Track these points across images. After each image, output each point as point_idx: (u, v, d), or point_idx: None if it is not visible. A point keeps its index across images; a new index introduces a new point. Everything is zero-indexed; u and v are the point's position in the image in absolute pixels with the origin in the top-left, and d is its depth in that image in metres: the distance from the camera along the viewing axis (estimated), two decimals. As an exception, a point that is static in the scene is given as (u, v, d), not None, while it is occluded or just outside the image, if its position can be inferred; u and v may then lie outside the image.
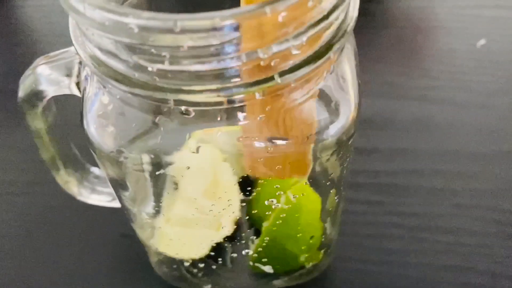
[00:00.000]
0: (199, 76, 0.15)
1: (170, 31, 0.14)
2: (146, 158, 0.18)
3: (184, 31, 0.14)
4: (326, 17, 0.15)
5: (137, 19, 0.14)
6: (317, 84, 0.18)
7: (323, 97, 0.18)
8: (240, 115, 0.17)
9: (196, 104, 0.16)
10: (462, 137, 0.36)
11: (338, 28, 0.17)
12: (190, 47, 0.14)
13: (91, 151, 0.20)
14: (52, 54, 0.22)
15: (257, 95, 0.16)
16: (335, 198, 0.23)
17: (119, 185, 0.21)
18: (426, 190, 0.33)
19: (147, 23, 0.14)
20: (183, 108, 0.17)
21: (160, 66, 0.15)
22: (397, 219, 0.32)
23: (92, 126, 0.19)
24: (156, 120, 0.17)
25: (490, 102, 0.38)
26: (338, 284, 0.29)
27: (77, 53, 0.17)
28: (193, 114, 0.17)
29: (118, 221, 0.31)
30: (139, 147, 0.18)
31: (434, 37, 0.44)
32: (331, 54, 0.16)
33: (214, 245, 0.23)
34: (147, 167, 0.19)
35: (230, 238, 0.23)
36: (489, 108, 0.37)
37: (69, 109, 0.26)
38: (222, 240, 0.23)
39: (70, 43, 0.50)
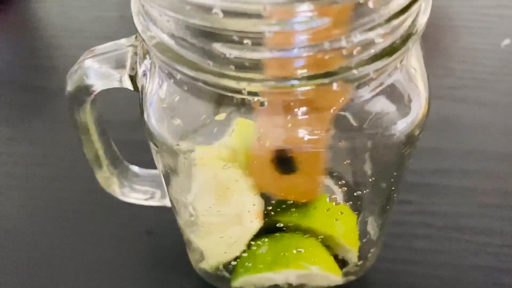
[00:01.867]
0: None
1: (258, 16, 0.13)
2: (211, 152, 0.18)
3: (272, 16, 0.13)
4: (410, 4, 0.15)
5: (223, 2, 0.13)
6: (390, 77, 0.17)
7: (394, 91, 0.17)
8: (301, 109, 0.17)
9: (268, 95, 0.16)
10: (488, 137, 0.36)
11: (416, 18, 0.16)
12: (275, 33, 0.14)
13: (152, 144, 0.19)
14: (99, 47, 0.21)
15: (335, 86, 0.15)
16: (389, 200, 0.22)
17: (173, 177, 0.21)
18: (455, 190, 0.33)
19: (233, 7, 0.13)
20: (256, 99, 0.16)
21: (239, 53, 0.14)
22: (427, 218, 0.31)
23: (153, 120, 0.18)
24: (227, 112, 0.17)
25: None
26: (368, 284, 0.28)
27: (143, 41, 0.17)
28: (266, 105, 0.16)
29: (143, 218, 0.31)
30: (206, 140, 0.18)
31: (458, 37, 0.43)
32: (410, 44, 0.16)
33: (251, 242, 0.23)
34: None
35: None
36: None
37: (106, 104, 0.26)
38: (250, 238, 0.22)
39: (88, 38, 0.51)
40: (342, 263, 0.25)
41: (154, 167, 0.23)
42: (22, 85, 0.42)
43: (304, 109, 0.17)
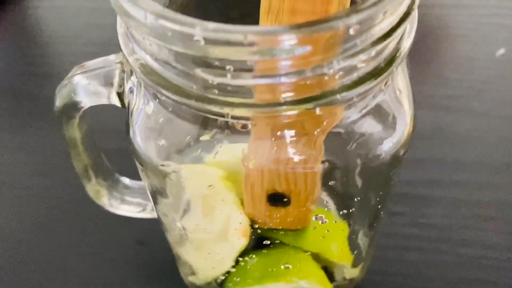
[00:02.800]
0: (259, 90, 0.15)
1: (239, 44, 0.13)
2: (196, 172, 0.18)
3: (252, 44, 0.13)
4: (394, 29, 0.15)
5: (204, 31, 0.13)
6: (374, 99, 0.17)
7: (380, 112, 0.17)
8: (288, 132, 0.17)
9: (252, 119, 0.16)
10: (482, 147, 0.35)
11: (400, 41, 0.16)
12: (257, 61, 0.14)
13: (137, 162, 0.19)
14: (88, 63, 0.21)
15: (318, 111, 0.15)
16: (374, 221, 0.22)
17: (160, 195, 0.21)
18: (447, 201, 0.32)
19: (215, 36, 0.13)
20: (239, 121, 0.16)
21: (222, 80, 0.14)
22: (418, 230, 0.31)
23: (139, 138, 0.18)
24: (211, 134, 0.17)
25: (511, 112, 0.37)
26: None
27: (128, 62, 0.17)
28: (249, 128, 0.16)
29: (134, 228, 0.31)
30: (191, 161, 0.18)
31: (453, 46, 0.43)
32: (394, 68, 0.16)
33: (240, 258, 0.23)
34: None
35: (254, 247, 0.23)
36: (509, 118, 0.37)
37: (98, 117, 0.26)
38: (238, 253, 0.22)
39: (84, 45, 0.50)
40: (332, 276, 0.25)
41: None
42: (17, 92, 0.42)
43: (288, 131, 0.17)
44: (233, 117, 0.16)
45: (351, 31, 0.14)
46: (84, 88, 0.21)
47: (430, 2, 0.46)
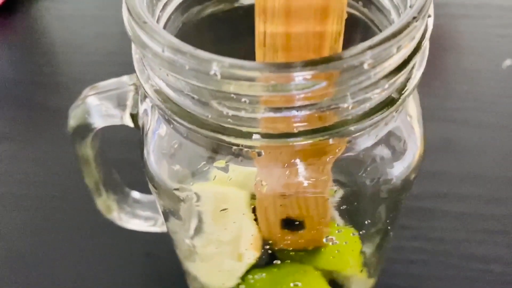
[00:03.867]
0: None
1: (254, 80, 0.14)
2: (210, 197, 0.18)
3: (268, 81, 0.13)
4: (407, 61, 0.15)
5: (220, 67, 0.14)
6: (386, 126, 0.17)
7: (392, 138, 0.18)
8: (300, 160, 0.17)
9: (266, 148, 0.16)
10: (489, 160, 0.35)
11: (411, 71, 0.16)
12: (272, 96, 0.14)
13: (150, 185, 0.19)
14: (101, 84, 0.21)
15: (331, 141, 0.16)
16: (383, 241, 0.23)
17: (172, 216, 0.21)
18: (453, 215, 0.33)
19: (230, 72, 0.14)
20: (252, 149, 0.16)
21: (236, 112, 0.15)
22: (424, 244, 0.31)
23: (154, 161, 0.18)
24: (226, 160, 0.17)
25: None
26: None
27: (143, 88, 0.17)
28: (263, 155, 0.16)
29: (144, 240, 0.31)
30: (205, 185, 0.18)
31: (459, 57, 0.43)
32: (405, 97, 0.16)
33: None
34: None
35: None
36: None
37: (107, 128, 0.26)
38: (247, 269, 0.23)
39: (91, 54, 0.50)
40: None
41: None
42: (24, 101, 0.42)
43: (299, 159, 0.17)
44: (247, 146, 0.16)
45: (365, 66, 0.14)
46: (97, 109, 0.21)
47: (435, 13, 0.46)
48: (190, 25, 0.21)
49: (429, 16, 0.16)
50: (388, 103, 0.16)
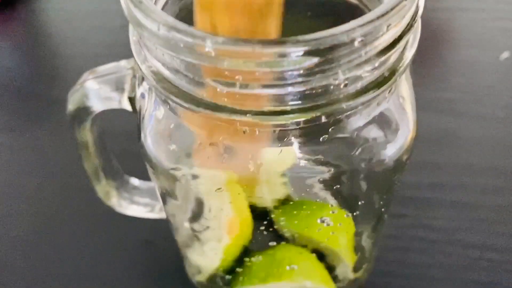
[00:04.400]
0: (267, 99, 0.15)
1: (247, 56, 0.14)
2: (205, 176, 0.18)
3: (261, 56, 0.14)
4: (397, 40, 0.15)
5: (215, 43, 0.14)
6: (378, 106, 0.18)
7: (384, 118, 0.18)
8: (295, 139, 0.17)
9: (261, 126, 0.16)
10: (486, 151, 0.36)
11: (403, 50, 0.17)
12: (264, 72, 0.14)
13: (148, 166, 0.20)
14: (100, 68, 0.22)
15: (323, 119, 0.16)
16: (378, 224, 0.23)
17: (169, 197, 0.21)
18: (450, 204, 0.33)
19: (225, 48, 0.14)
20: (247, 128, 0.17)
21: (231, 89, 0.15)
22: (421, 232, 0.32)
23: (151, 143, 0.19)
24: (220, 139, 0.17)
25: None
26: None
27: (140, 69, 0.17)
28: (257, 133, 0.17)
29: (143, 227, 0.32)
30: (199, 165, 0.18)
31: (457, 49, 0.43)
32: (397, 77, 0.16)
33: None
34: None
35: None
36: (513, 122, 0.37)
37: (107, 119, 0.27)
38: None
39: (92, 47, 0.51)
40: (335, 278, 0.26)
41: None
42: (25, 93, 0.42)
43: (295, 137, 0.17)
44: (241, 124, 0.16)
45: (356, 44, 0.14)
46: (96, 93, 0.21)
47: (433, 5, 0.47)
48: (187, 11, 0.21)
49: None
50: (380, 82, 0.16)
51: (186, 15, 0.21)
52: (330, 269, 0.25)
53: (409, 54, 0.17)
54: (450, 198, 0.33)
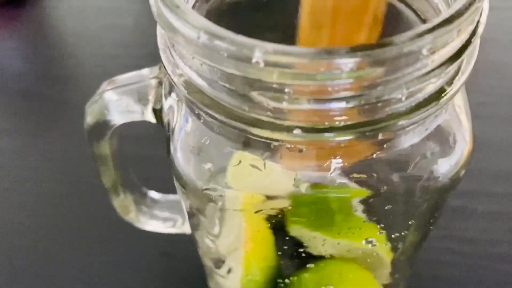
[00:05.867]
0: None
1: (301, 67, 0.12)
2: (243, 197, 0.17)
3: (318, 68, 0.12)
4: (465, 47, 0.14)
5: (264, 54, 0.12)
6: (436, 119, 0.16)
7: (441, 131, 0.16)
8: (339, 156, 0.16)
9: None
10: (517, 157, 0.34)
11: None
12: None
13: (177, 184, 0.18)
14: (119, 78, 0.20)
15: (380, 136, 0.14)
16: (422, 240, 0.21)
17: (198, 216, 0.20)
18: (482, 214, 0.31)
19: (275, 58, 0.12)
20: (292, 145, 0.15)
21: (278, 104, 0.13)
22: (452, 244, 0.30)
23: (181, 160, 0.17)
24: (263, 157, 0.16)
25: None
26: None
27: (169, 78, 0.15)
28: (304, 151, 0.15)
29: (159, 239, 0.30)
30: (237, 186, 0.17)
31: (484, 50, 0.41)
32: (457, 87, 0.15)
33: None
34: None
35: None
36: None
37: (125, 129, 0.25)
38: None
39: (103, 46, 0.49)
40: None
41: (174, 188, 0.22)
42: (35, 94, 0.41)
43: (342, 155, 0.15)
44: (286, 141, 0.14)
45: (424, 51, 0.12)
46: (116, 105, 0.20)
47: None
48: (215, 13, 0.20)
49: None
50: (440, 94, 0.14)
51: (214, 18, 0.20)
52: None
53: (471, 62, 0.15)
54: (482, 208, 0.32)
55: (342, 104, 0.13)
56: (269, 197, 0.16)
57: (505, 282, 0.28)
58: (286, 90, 0.13)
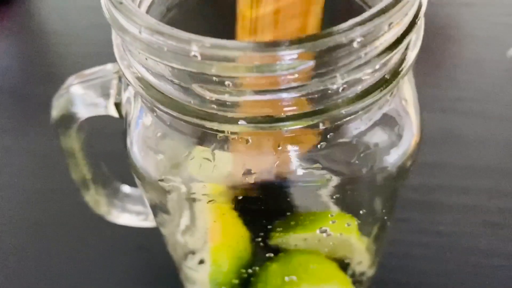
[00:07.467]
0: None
1: (236, 60, 0.13)
2: (196, 187, 0.17)
3: (252, 61, 0.13)
4: (399, 40, 0.14)
5: (201, 47, 0.13)
6: (380, 110, 0.16)
7: (386, 122, 0.17)
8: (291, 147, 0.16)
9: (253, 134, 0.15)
10: (492, 152, 0.34)
11: (405, 51, 0.16)
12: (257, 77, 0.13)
13: (135, 176, 0.18)
14: (85, 72, 0.21)
15: (321, 125, 0.15)
16: (380, 231, 0.22)
17: (160, 209, 0.20)
18: (454, 208, 0.32)
19: (212, 52, 0.13)
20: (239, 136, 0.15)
21: (220, 96, 0.14)
22: (424, 237, 0.30)
23: (137, 153, 0.18)
24: (211, 148, 0.16)
25: (522, 114, 0.37)
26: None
27: (124, 75, 0.16)
28: (250, 142, 0.16)
29: (136, 233, 0.30)
30: (190, 176, 0.17)
31: (462, 46, 0.42)
32: (399, 79, 0.15)
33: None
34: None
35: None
36: (521, 121, 0.36)
37: (94, 119, 0.25)
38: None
39: (87, 45, 0.49)
40: None
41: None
42: (20, 93, 0.41)
43: (289, 144, 0.16)
44: (233, 133, 0.15)
45: (355, 44, 0.13)
46: (81, 98, 0.20)
47: (438, 1, 0.45)
48: (176, 11, 0.20)
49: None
50: (381, 85, 0.15)
51: (175, 16, 0.20)
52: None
53: (412, 54, 0.16)
54: (455, 202, 0.32)
55: (283, 95, 0.14)
56: (218, 188, 0.17)
57: (475, 274, 0.29)
58: (226, 82, 0.14)
